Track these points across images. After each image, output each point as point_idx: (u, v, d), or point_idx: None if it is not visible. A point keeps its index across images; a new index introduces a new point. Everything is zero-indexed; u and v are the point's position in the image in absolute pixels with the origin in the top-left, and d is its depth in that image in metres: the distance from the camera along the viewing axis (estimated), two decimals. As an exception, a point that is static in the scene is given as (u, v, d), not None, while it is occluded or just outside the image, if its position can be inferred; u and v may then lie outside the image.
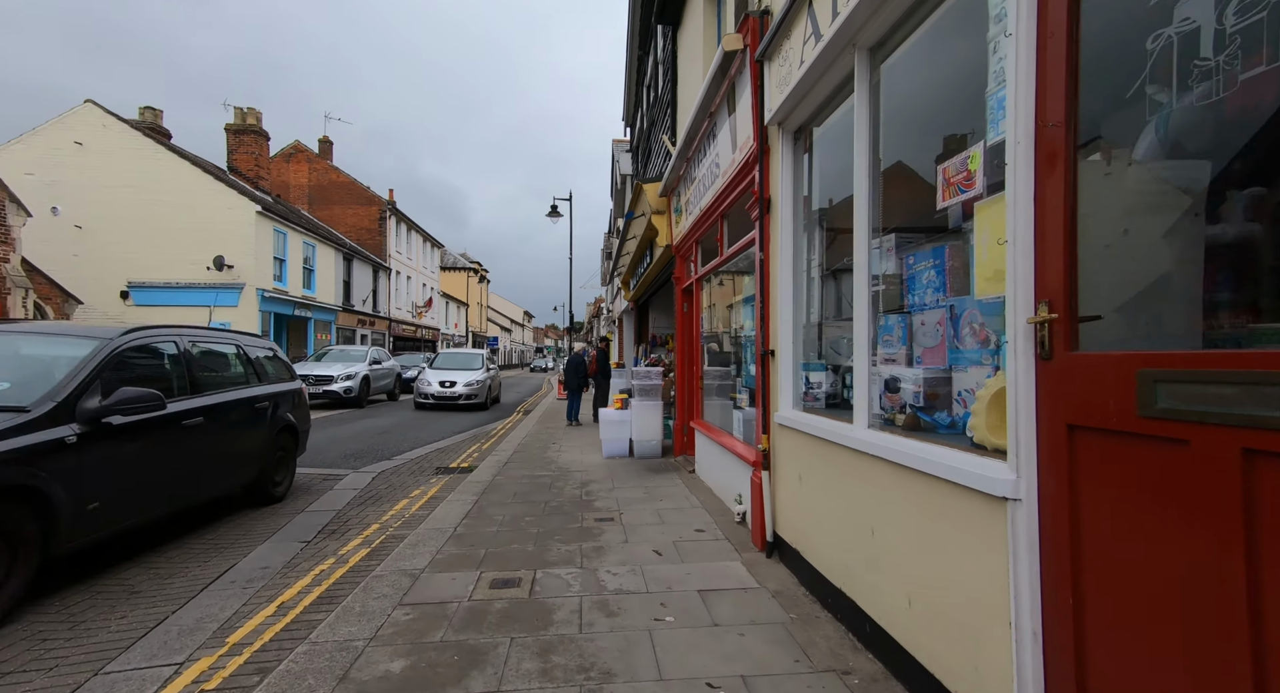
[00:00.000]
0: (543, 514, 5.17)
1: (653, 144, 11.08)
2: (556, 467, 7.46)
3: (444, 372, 15.78)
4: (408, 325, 32.84)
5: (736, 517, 4.71)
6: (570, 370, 12.69)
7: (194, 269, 17.61)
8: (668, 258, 8.67)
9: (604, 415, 8.24)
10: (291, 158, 30.11)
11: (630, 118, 15.14)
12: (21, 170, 16.92)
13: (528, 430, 11.33)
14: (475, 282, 51.39)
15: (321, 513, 5.37)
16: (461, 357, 17.41)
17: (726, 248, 5.50)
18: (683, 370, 7.86)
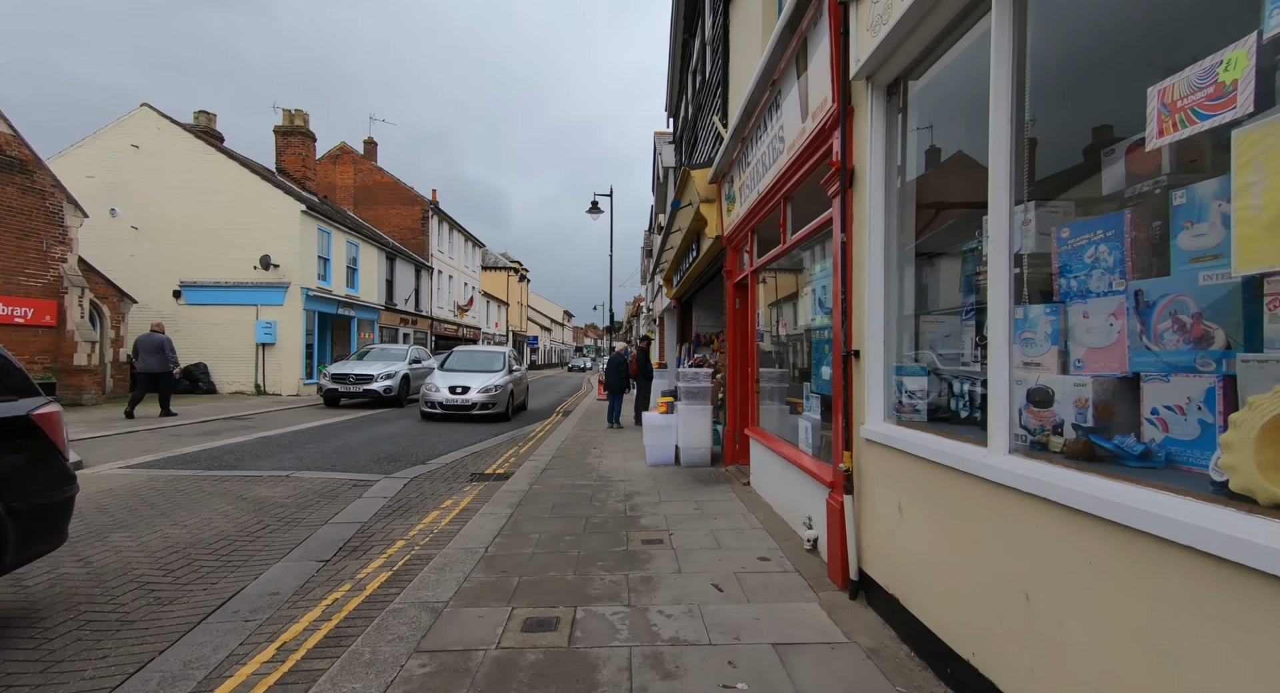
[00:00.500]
0: (583, 532, 4.63)
1: (699, 130, 10.45)
2: (598, 475, 6.93)
3: (456, 375, 13.27)
4: (449, 324, 33.04)
5: (806, 543, 4.06)
6: (611, 371, 12.18)
7: (242, 268, 17.86)
8: (716, 250, 8.04)
9: (648, 420, 7.67)
10: (338, 159, 30.63)
11: (673, 107, 14.54)
12: (83, 174, 17.46)
13: (567, 433, 10.87)
14: (515, 281, 51.64)
15: (346, 525, 4.97)
16: (479, 356, 14.62)
17: (790, 234, 4.85)
18: (734, 372, 7.22)
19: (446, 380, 12.97)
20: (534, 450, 9.04)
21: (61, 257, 13.15)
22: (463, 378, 13.08)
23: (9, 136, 12.03)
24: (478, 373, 13.42)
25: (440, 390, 12.71)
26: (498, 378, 13.29)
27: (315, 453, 8.41)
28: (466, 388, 12.72)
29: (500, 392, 12.96)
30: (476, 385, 12.75)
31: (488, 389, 12.77)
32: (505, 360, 14.34)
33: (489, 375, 13.33)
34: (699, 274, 10.49)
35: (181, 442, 9.00)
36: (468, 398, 12.58)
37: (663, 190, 18.23)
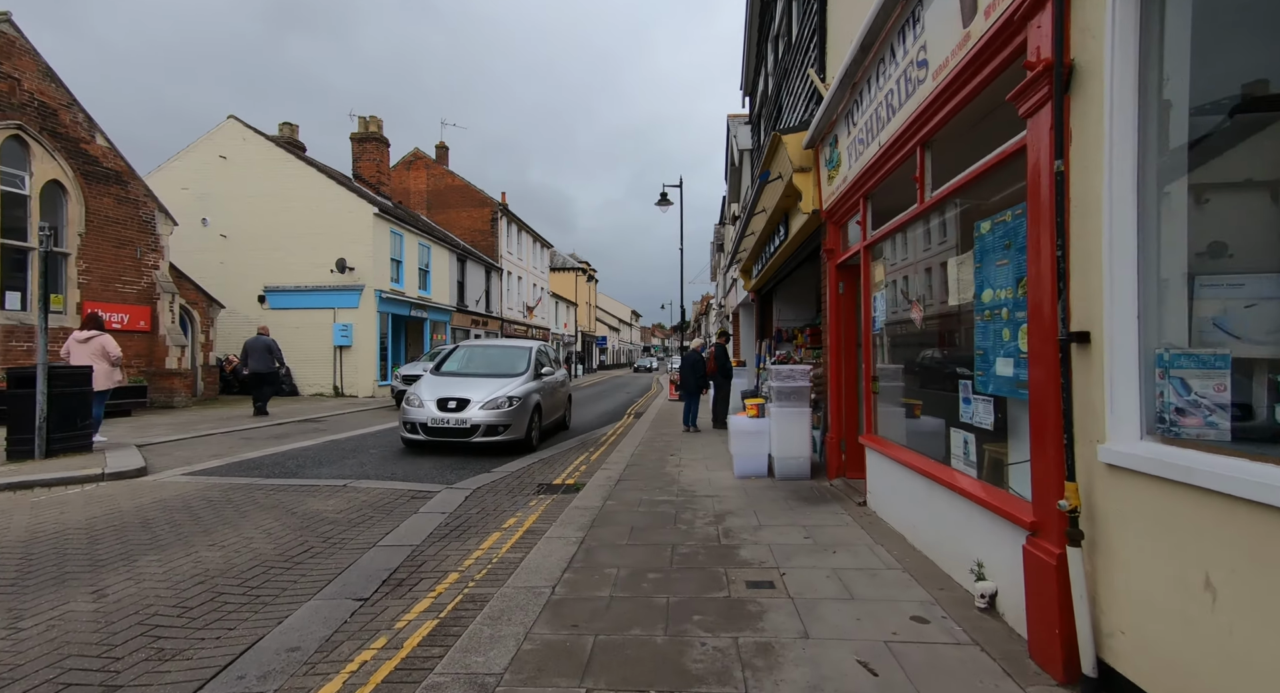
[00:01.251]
0: (670, 567, 3.74)
1: (783, 101, 9.35)
2: (679, 489, 6.03)
3: (452, 382, 9.13)
4: (519, 325, 33.15)
5: (979, 600, 2.98)
6: (686, 370, 11.25)
7: (320, 272, 18.22)
8: (811, 228, 6.95)
9: (735, 425, 6.70)
10: (411, 165, 31.33)
11: (750, 85, 13.47)
12: (178, 186, 18.34)
13: (640, 437, 10.04)
14: (584, 281, 51.65)
15: (395, 549, 4.31)
16: (494, 354, 10.48)
17: (929, 191, 3.76)
18: (837, 369, 6.12)
19: (436, 390, 8.74)
20: (606, 457, 8.26)
21: (154, 264, 13.64)
22: (461, 386, 8.83)
23: (105, 150, 12.54)
24: (487, 379, 9.24)
25: (425, 406, 8.45)
26: (514, 386, 8.92)
27: (378, 458, 7.97)
28: (464, 402, 8.46)
29: (517, 408, 8.59)
30: (480, 398, 8.50)
31: (497, 404, 8.47)
32: (530, 360, 9.95)
33: (503, 383, 9.00)
34: (785, 260, 9.39)
35: (251, 445, 8.83)
36: (465, 417, 8.29)
37: (737, 176, 17.13)
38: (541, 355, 10.69)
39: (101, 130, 12.45)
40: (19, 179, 11.08)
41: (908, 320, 4.50)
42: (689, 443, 9.37)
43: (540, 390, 9.53)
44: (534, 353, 10.29)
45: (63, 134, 11.68)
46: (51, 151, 11.47)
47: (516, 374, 9.48)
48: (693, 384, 11.20)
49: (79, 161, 11.98)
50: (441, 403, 8.52)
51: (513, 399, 8.64)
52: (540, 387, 9.61)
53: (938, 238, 4.02)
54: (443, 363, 10.25)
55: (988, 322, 3.02)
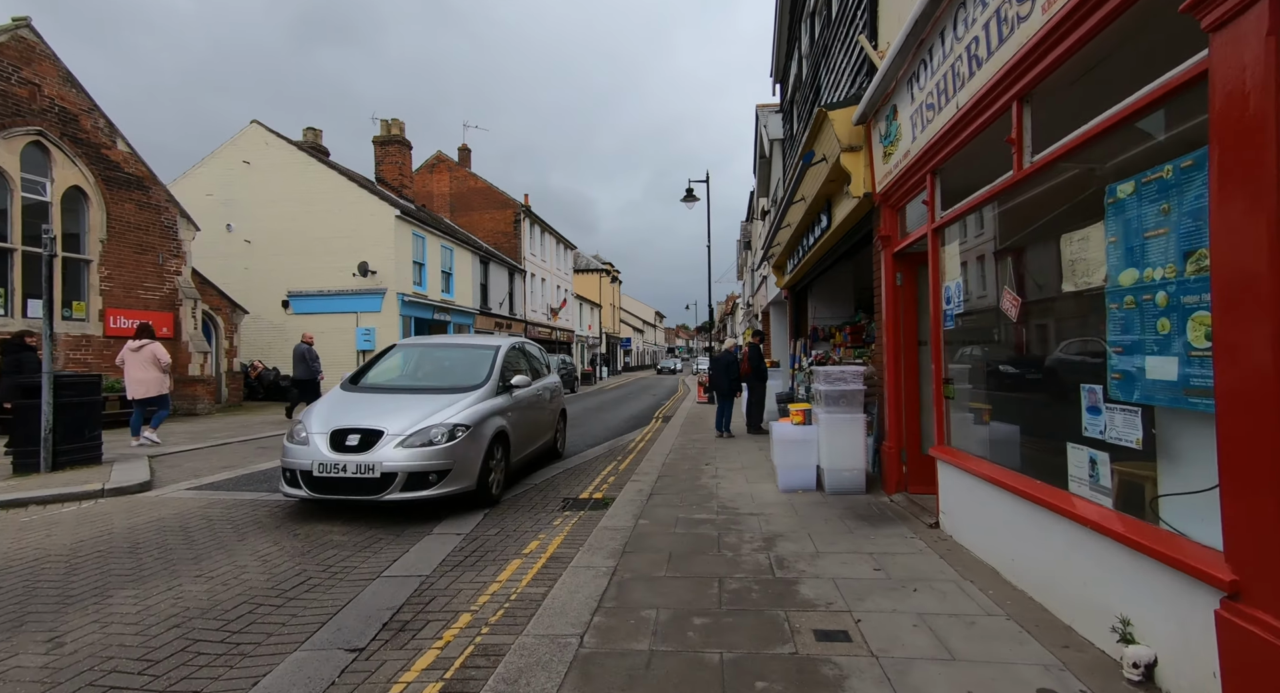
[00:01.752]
0: (719, 610, 3.14)
1: (821, 81, 8.68)
2: (719, 505, 5.42)
3: (364, 403, 5.87)
4: (543, 327, 32.83)
5: (1130, 671, 2.31)
6: (719, 372, 10.62)
7: (342, 276, 18.05)
8: (860, 214, 6.29)
9: (779, 433, 6.05)
10: (434, 168, 31.25)
11: (780, 71, 12.79)
12: (203, 192, 18.36)
13: (671, 443, 9.45)
14: (607, 282, 51.27)
15: (402, 581, 3.79)
16: (444, 358, 7.32)
17: (1029, 156, 3.11)
18: (895, 370, 5.45)
19: (334, 416, 5.53)
20: (636, 466, 7.69)
21: (176, 270, 13.53)
22: (376, 408, 5.66)
23: (127, 155, 12.43)
24: (425, 395, 5.96)
25: (310, 442, 5.27)
26: (461, 407, 5.70)
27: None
28: (372, 435, 5.25)
29: (464, 441, 5.41)
30: (401, 427, 5.31)
31: (430, 437, 5.27)
32: (493, 367, 6.59)
33: (445, 403, 5.73)
34: (825, 253, 8.71)
35: (265, 455, 8.48)
36: (372, 459, 5.09)
37: (766, 168, 16.45)
38: (513, 358, 7.23)
39: (123, 135, 12.35)
40: (40, 186, 10.99)
41: (995, 312, 3.83)
42: (724, 450, 8.74)
43: (509, 411, 6.26)
44: (500, 355, 6.78)
45: (84, 140, 11.58)
46: (72, 157, 11.36)
47: (470, 388, 6.04)
48: (725, 387, 10.57)
49: (100, 167, 11.87)
50: (338, 437, 5.14)
51: (457, 429, 5.32)
52: (509, 405, 6.32)
53: (1038, 212, 3.34)
54: (368, 370, 6.74)
55: (1130, 310, 2.36)
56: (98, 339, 11.83)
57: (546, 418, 7.90)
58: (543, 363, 8.66)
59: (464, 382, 6.34)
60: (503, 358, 6.87)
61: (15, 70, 10.45)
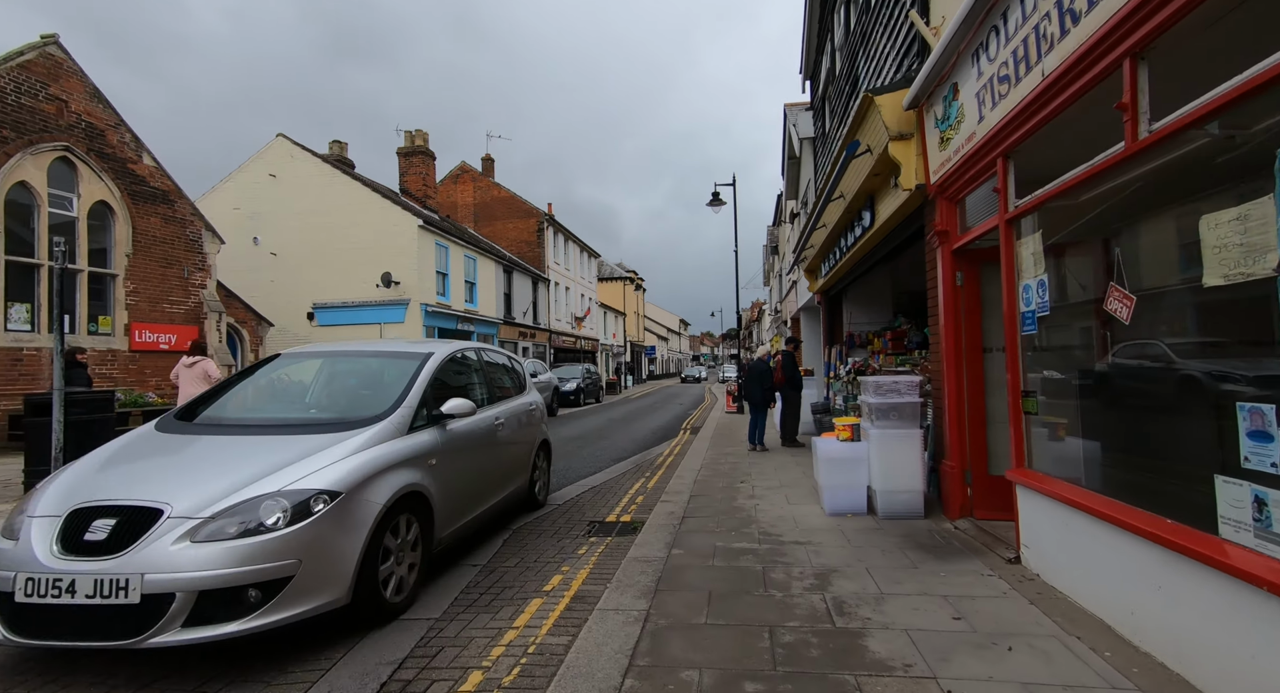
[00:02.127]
0: (774, 670, 2.64)
1: (859, 72, 8.15)
2: (760, 531, 4.90)
3: (162, 456, 3.51)
4: (567, 336, 32.58)
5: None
6: (752, 381, 10.07)
7: (366, 287, 17.98)
8: (910, 209, 5.74)
9: (824, 451, 5.50)
10: (458, 179, 31.37)
11: (810, 67, 12.29)
12: (230, 206, 18.52)
13: (702, 458, 8.93)
14: (631, 290, 50.96)
15: (411, 625, 3.36)
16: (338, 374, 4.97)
17: (1146, 124, 2.57)
18: (956, 381, 4.88)
19: (91, 485, 3.07)
20: (665, 484, 7.20)
21: (201, 283, 13.53)
22: (174, 468, 3.35)
23: (152, 169, 12.48)
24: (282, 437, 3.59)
25: (24, 539, 2.81)
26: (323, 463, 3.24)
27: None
28: (141, 518, 2.80)
29: (322, 523, 2.99)
30: (194, 504, 2.85)
31: (248, 521, 2.84)
32: (409, 388, 4.14)
33: (306, 450, 3.33)
34: (865, 254, 8.14)
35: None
36: (120, 569, 2.64)
37: (795, 169, 15.89)
38: (452, 374, 4.87)
39: (148, 150, 12.40)
40: (67, 201, 11.03)
41: (1092, 312, 3.26)
42: (759, 465, 8.19)
43: (434, 458, 3.98)
44: (427, 371, 4.38)
45: (110, 154, 11.63)
46: (99, 172, 11.41)
47: (363, 423, 3.73)
48: (759, 397, 10.02)
49: (126, 182, 11.91)
50: (76, 523, 2.85)
51: (314, 500, 3.04)
52: (436, 448, 4.03)
53: (1154, 192, 2.79)
54: (219, 393, 4.43)
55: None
56: (123, 354, 11.81)
57: (511, 458, 5.33)
58: (517, 376, 6.29)
59: (357, 412, 3.94)
60: (430, 374, 4.31)
61: (43, 86, 10.52)
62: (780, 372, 10.00)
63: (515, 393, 5.97)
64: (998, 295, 4.62)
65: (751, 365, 10.52)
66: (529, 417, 5.95)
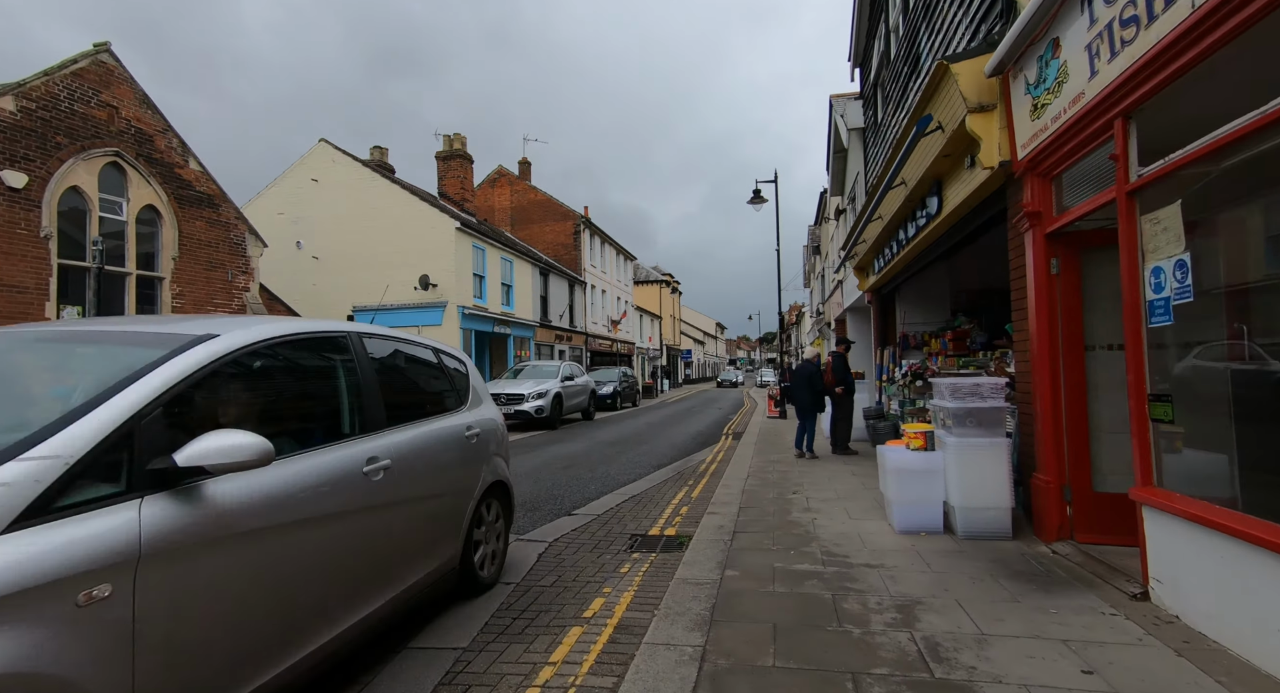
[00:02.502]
0: (868, 737, 2.13)
1: (921, 49, 7.53)
2: (823, 549, 4.37)
3: None
4: (603, 340, 32.31)
5: None
6: (800, 384, 9.49)
7: (404, 290, 18.02)
8: (989, 190, 5.13)
9: (893, 461, 4.93)
10: (495, 183, 31.52)
11: (860, 54, 11.64)
12: (274, 211, 18.85)
13: (747, 465, 8.40)
14: (667, 293, 50.50)
15: (433, 655, 2.98)
16: None
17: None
18: (1052, 384, 4.25)
19: None
20: (711, 493, 6.71)
21: (244, 286, 13.67)
22: None
23: (198, 173, 12.66)
24: None
25: None
26: None
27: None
28: None
29: None
30: None
31: None
32: (107, 410, 1.77)
33: None
34: (927, 246, 7.51)
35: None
36: None
37: (842, 163, 15.20)
38: (244, 380, 2.38)
39: (194, 155, 12.58)
40: (117, 205, 11.23)
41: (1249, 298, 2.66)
42: (810, 474, 7.62)
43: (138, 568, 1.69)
44: (160, 377, 1.95)
45: (158, 159, 11.82)
46: (147, 177, 11.59)
47: None
48: (808, 401, 9.42)
49: (173, 186, 12.09)
50: None
51: None
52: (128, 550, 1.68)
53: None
54: None
55: None
56: (169, 355, 11.95)
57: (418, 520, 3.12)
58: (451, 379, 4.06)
59: None
60: (168, 383, 1.97)
61: (95, 93, 10.73)
62: (831, 374, 9.39)
63: (443, 408, 3.74)
64: (1104, 285, 4.02)
65: (797, 368, 9.92)
66: (465, 448, 3.67)
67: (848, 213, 15.34)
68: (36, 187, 9.88)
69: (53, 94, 10.11)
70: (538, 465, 8.97)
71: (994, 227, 5.73)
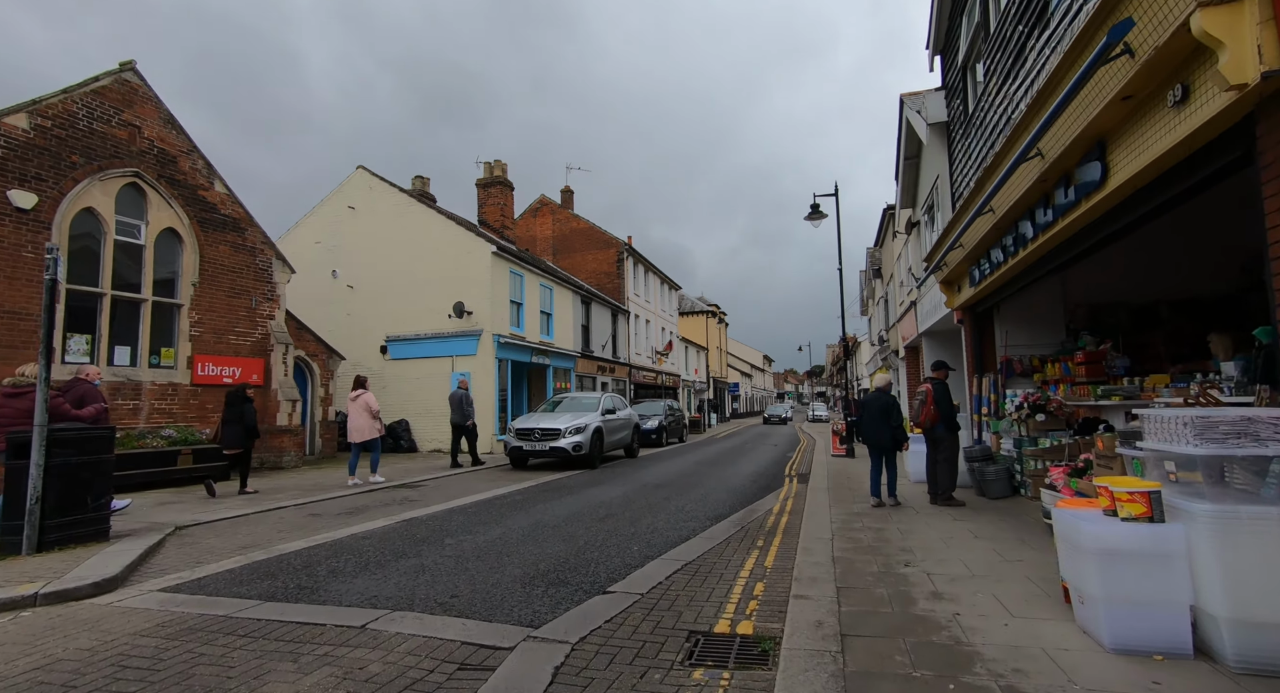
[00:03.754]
0: None
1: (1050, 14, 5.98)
2: (993, 675, 2.71)
3: None
4: (648, 371, 30.87)
5: None
6: (874, 419, 7.77)
7: (438, 318, 17.14)
8: (1212, 134, 3.49)
9: (1091, 537, 3.21)
10: (538, 212, 31.05)
11: (943, 37, 10.14)
12: (312, 240, 18.46)
13: (827, 518, 6.71)
14: (714, 324, 48.90)
15: None
16: None
17: None
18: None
19: None
20: (789, 561, 5.09)
21: (269, 314, 12.94)
22: None
23: (224, 196, 12.12)
24: None
25: None
26: None
27: (448, 559, 5.42)
28: None
29: None
30: None
31: None
32: None
33: None
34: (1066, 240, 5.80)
35: (305, 529, 6.78)
36: None
37: (914, 170, 13.58)
38: None
39: (220, 177, 12.06)
40: (135, 229, 10.66)
41: None
42: (914, 533, 5.86)
43: None
44: None
45: (181, 181, 11.29)
46: (169, 199, 11.04)
47: None
48: (886, 439, 7.70)
49: (195, 209, 11.53)
50: None
51: None
52: None
53: None
54: None
55: None
56: (185, 388, 11.17)
57: None
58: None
59: None
60: None
61: (116, 112, 10.28)
62: (931, 406, 7.63)
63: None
64: None
65: (868, 399, 8.20)
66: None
67: (923, 225, 13.63)
68: (47, 207, 9.31)
69: (71, 112, 9.65)
70: (568, 515, 7.47)
71: (1194, 195, 4.09)
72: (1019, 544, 5.46)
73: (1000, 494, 7.91)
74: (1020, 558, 4.96)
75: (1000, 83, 7.49)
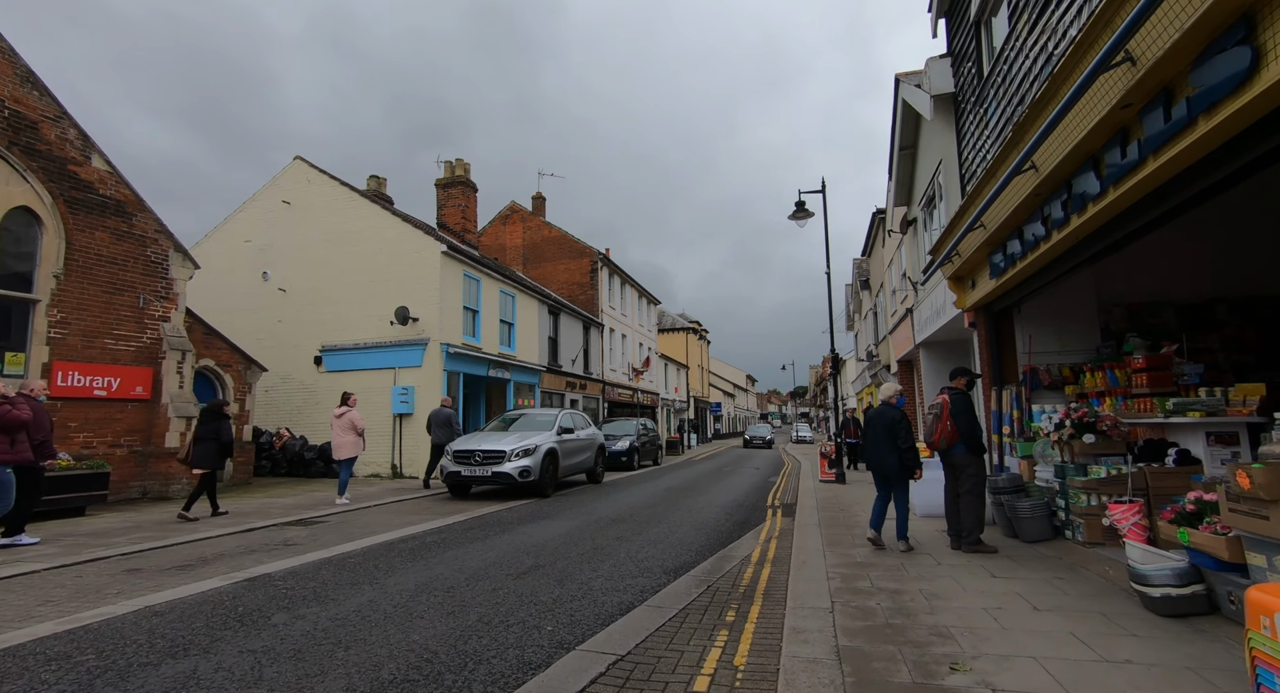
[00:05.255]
0: None
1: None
2: None
3: None
4: (624, 389, 29.05)
5: None
6: (877, 437, 6.13)
7: (379, 326, 15.24)
8: None
9: None
10: (508, 220, 29.40)
11: None
12: (241, 238, 16.57)
13: (822, 572, 4.93)
14: (695, 341, 47.31)
15: None
16: None
17: None
18: None
19: None
20: (773, 654, 3.30)
21: (163, 315, 10.97)
22: None
23: (104, 174, 10.23)
24: None
25: None
26: None
27: (245, 659, 3.54)
28: None
29: None
30: None
31: None
32: None
33: None
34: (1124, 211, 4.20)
35: (75, 602, 4.84)
36: None
37: (910, 160, 12.15)
38: None
39: (100, 152, 10.19)
40: (-25, 205, 8.71)
41: None
42: (945, 599, 4.09)
43: None
44: None
45: (43, 152, 9.41)
46: (22, 171, 9.13)
47: None
48: (893, 464, 6.04)
49: (63, 186, 9.63)
50: None
51: None
52: None
53: None
54: None
55: None
56: (39, 400, 9.09)
57: None
58: None
59: None
60: None
61: (-47, 64, 8.41)
62: (949, 422, 5.94)
63: None
64: None
65: (873, 415, 6.52)
66: None
67: (920, 222, 12.15)
68: None
69: (-116, 56, 7.78)
70: (480, 568, 5.57)
71: None
72: (1104, 623, 3.75)
73: (1038, 536, 6.22)
74: (1125, 657, 3.23)
75: (1034, 17, 5.98)
